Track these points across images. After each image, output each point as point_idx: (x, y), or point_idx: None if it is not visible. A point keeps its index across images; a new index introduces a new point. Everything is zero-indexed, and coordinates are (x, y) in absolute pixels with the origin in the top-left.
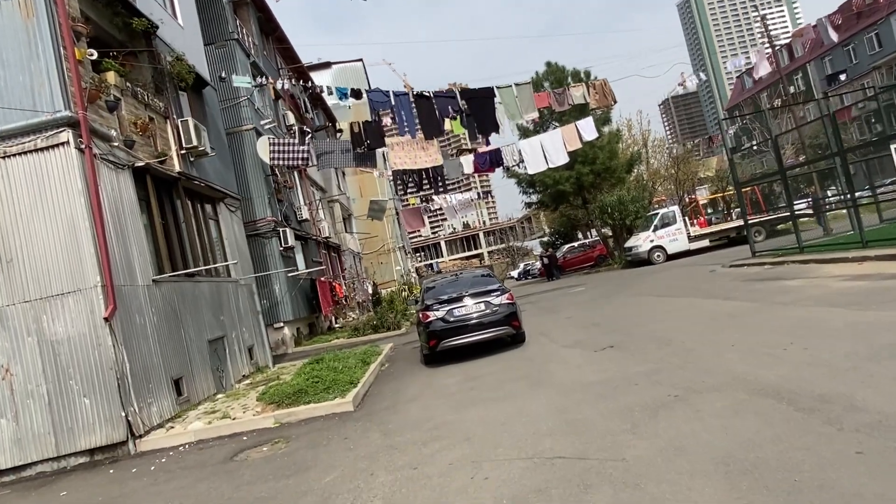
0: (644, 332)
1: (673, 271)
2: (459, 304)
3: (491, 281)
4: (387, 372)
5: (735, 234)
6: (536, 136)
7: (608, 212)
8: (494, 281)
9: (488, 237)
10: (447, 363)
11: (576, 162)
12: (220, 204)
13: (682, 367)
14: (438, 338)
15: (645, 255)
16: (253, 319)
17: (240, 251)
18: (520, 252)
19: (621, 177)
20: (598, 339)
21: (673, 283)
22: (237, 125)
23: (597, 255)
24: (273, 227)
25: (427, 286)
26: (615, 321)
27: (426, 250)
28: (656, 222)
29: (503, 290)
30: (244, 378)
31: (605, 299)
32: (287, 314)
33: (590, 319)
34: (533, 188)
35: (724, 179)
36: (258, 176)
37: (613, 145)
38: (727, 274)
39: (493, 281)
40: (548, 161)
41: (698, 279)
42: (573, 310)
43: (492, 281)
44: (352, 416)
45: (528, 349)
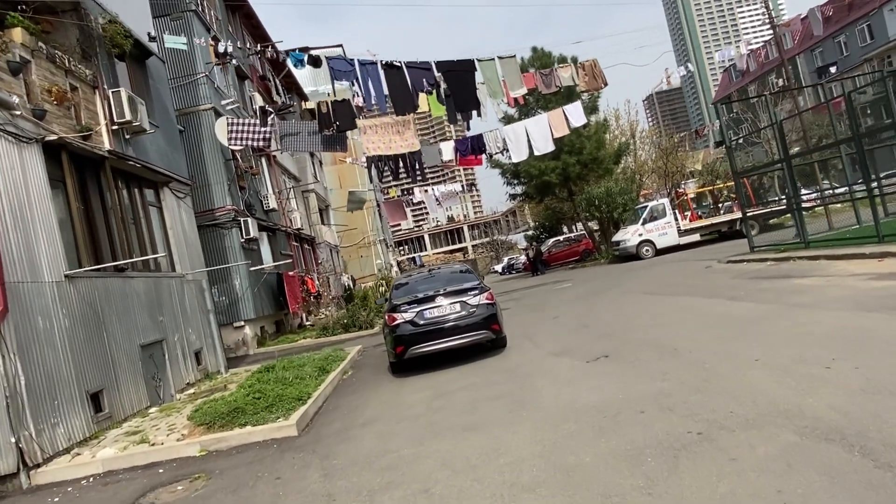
0: (643, 337)
1: (664, 267)
2: (432, 304)
3: (469, 278)
4: (348, 382)
5: (727, 229)
6: (521, 121)
7: (595, 204)
8: (473, 278)
9: (473, 231)
10: (416, 372)
11: (562, 152)
12: (163, 189)
13: (699, 389)
14: (406, 344)
15: (633, 249)
16: (203, 319)
17: (188, 243)
18: (504, 246)
19: (609, 168)
20: (589, 345)
21: (666, 279)
22: (194, 104)
23: (582, 249)
24: (233, 217)
25: (396, 284)
26: (607, 323)
27: (410, 244)
28: (645, 215)
29: (482, 288)
30: (189, 386)
31: (593, 297)
32: (248, 312)
33: (579, 320)
34: (518, 179)
35: (714, 173)
36: (217, 160)
37: (601, 135)
38: (725, 270)
39: (471, 278)
40: (533, 148)
41: (694, 276)
42: (560, 308)
43: (470, 278)
44: (294, 443)
45: (509, 357)
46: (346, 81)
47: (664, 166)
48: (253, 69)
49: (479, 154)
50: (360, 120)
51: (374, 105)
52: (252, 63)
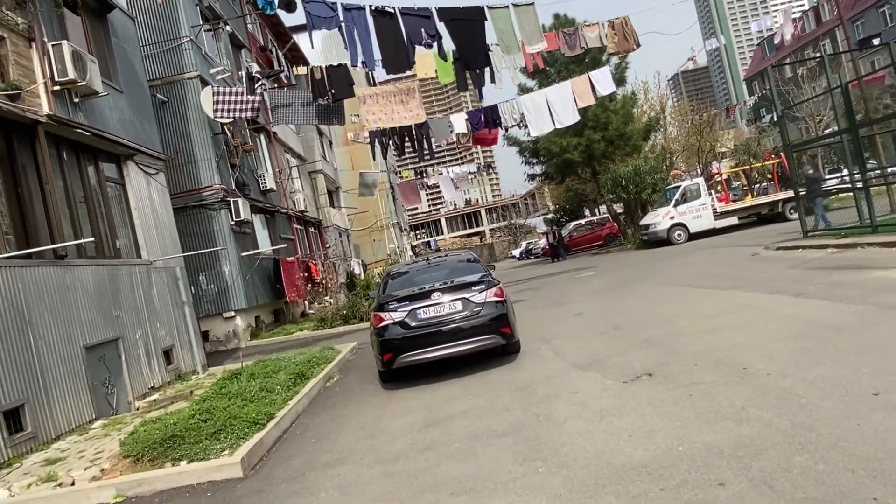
0: (695, 348)
1: (702, 254)
2: (427, 302)
3: (474, 269)
4: (330, 392)
5: (767, 211)
6: (541, 90)
7: (622, 184)
8: (479, 269)
9: (490, 214)
10: (409, 382)
11: (585, 127)
12: (127, 163)
13: (803, 442)
14: (395, 350)
15: (664, 233)
16: (176, 312)
17: (159, 225)
18: (522, 230)
19: (637, 144)
20: (624, 355)
21: (707, 268)
22: (178, 72)
23: (606, 233)
24: (222, 197)
25: (387, 276)
26: (645, 324)
27: (426, 227)
28: (677, 196)
29: (490, 282)
30: (153, 391)
31: (623, 288)
32: (239, 301)
33: (608, 319)
34: (537, 158)
35: (749, 152)
36: (204, 134)
37: (629, 109)
38: (778, 259)
39: (476, 269)
40: (555, 120)
41: (740, 265)
42: (584, 302)
43: (475, 269)
44: (234, 490)
45: (523, 367)
46: (325, 29)
47: (697, 143)
48: (252, 38)
49: (493, 128)
50: (359, 88)
51: (359, 61)
52: (252, 32)
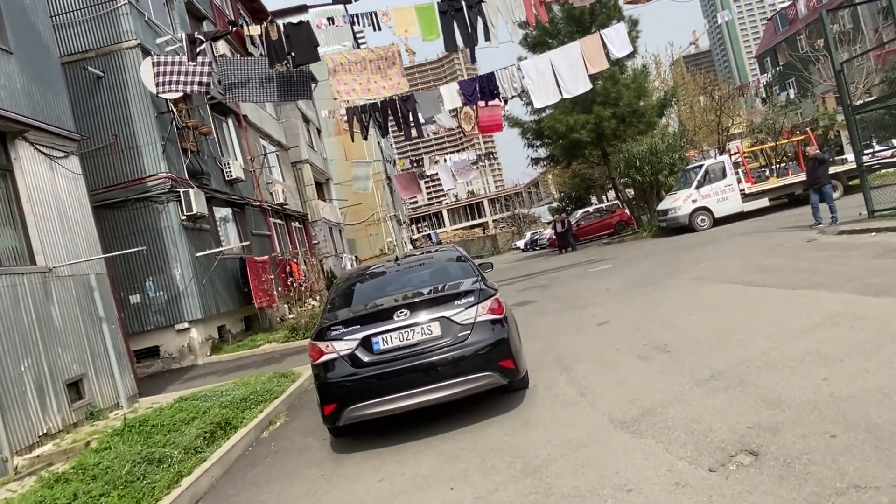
0: (812, 393)
1: (737, 241)
2: (389, 324)
3: (461, 272)
4: (260, 453)
5: (803, 191)
6: (545, 53)
7: (636, 165)
8: (468, 272)
9: (493, 205)
10: (369, 441)
11: (594, 103)
12: (16, 143)
13: None
14: (341, 400)
15: (685, 219)
16: (90, 332)
17: (67, 222)
18: (526, 220)
19: (651, 121)
20: (691, 403)
21: (755, 259)
22: (114, 41)
23: (616, 221)
24: (170, 188)
25: (339, 287)
26: (701, 341)
27: (428, 220)
28: (700, 177)
29: (483, 291)
30: (47, 438)
31: (652, 286)
32: (193, 310)
33: (645, 331)
34: (541, 140)
35: (771, 129)
36: (147, 114)
37: (641, 82)
38: (848, 245)
39: (464, 272)
40: (562, 89)
41: (799, 254)
42: (607, 305)
43: (463, 272)
44: None
45: (532, 421)
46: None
47: (717, 118)
48: (218, 11)
49: (490, 99)
50: (330, 55)
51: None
52: (219, 5)
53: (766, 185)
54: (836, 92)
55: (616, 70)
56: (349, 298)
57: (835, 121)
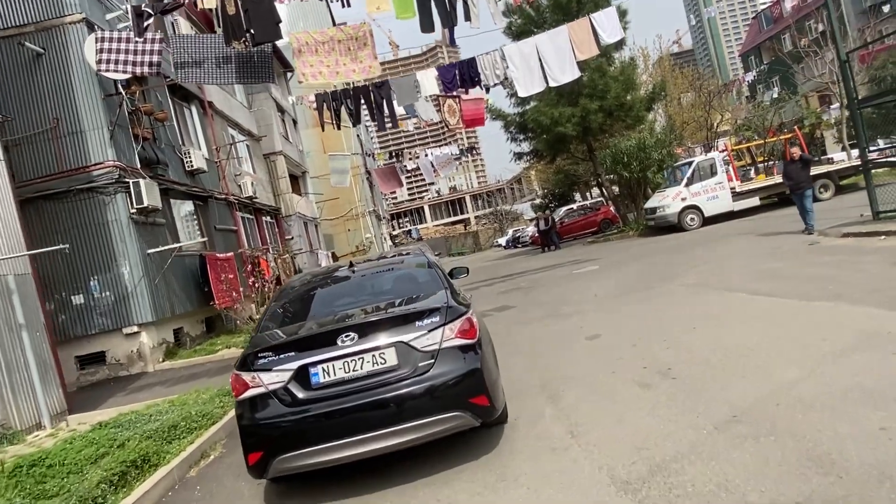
0: (875, 452)
1: (732, 242)
2: (332, 350)
3: (427, 283)
4: (184, 495)
5: None
6: (530, 38)
7: (623, 161)
8: (435, 283)
9: (475, 201)
10: (310, 494)
11: (581, 95)
12: None
13: None
14: (270, 447)
15: (674, 218)
16: (4, 341)
17: None
18: (508, 217)
19: (640, 115)
20: (712, 457)
21: (756, 263)
22: (56, 14)
23: (601, 219)
24: (118, 178)
25: (276, 300)
26: (713, 365)
27: (409, 215)
28: (689, 174)
29: (451, 310)
30: None
31: (646, 292)
32: (144, 313)
33: (644, 350)
34: (525, 133)
35: (757, 127)
36: (93, 96)
37: (629, 74)
38: (856, 250)
39: (430, 283)
40: (548, 77)
41: (804, 259)
42: (597, 314)
43: (429, 283)
44: None
45: (511, 475)
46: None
47: (705, 114)
48: None
49: (471, 86)
50: (294, 34)
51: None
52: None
53: (757, 183)
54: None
55: (604, 62)
56: (287, 316)
57: (821, 120)
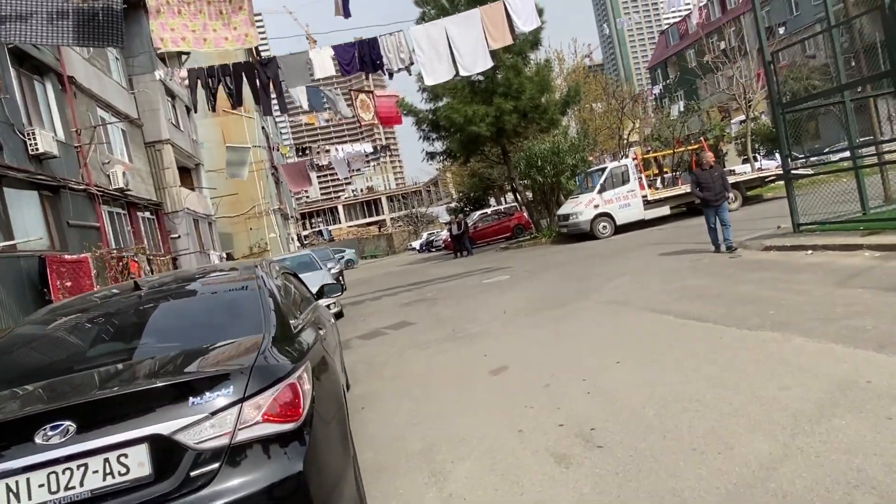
0: None
1: (647, 253)
2: (26, 454)
3: (235, 317)
4: None
5: None
6: (439, 20)
7: (537, 165)
8: (249, 319)
9: (392, 202)
10: None
11: (495, 94)
12: None
13: None
14: None
15: (587, 225)
16: None
17: None
18: (424, 220)
19: (554, 118)
20: None
21: (677, 279)
22: None
23: (514, 224)
24: None
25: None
26: (655, 423)
27: (322, 215)
28: (603, 181)
29: (258, 374)
30: None
31: (559, 309)
32: None
33: (561, 394)
34: (437, 132)
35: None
36: None
37: (545, 75)
38: (786, 266)
39: (241, 319)
40: (458, 65)
41: (730, 275)
42: (504, 337)
43: (239, 317)
44: None
45: None
46: None
47: (619, 122)
48: None
49: (372, 71)
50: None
51: None
52: None
53: (668, 192)
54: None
55: (519, 61)
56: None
57: (725, 133)
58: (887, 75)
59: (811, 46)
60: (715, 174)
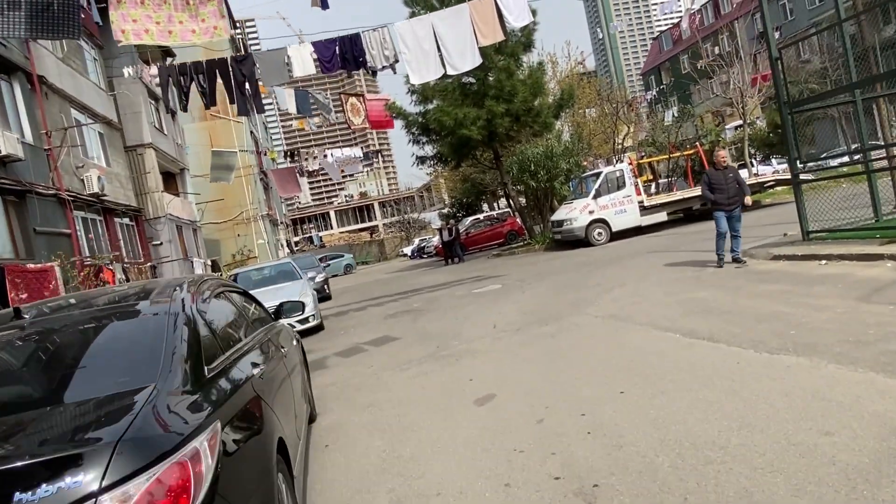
0: None
1: (644, 261)
2: None
3: (127, 359)
4: None
5: (700, 205)
6: (425, 15)
7: (530, 169)
8: (144, 364)
9: (384, 208)
10: None
11: (486, 97)
12: None
13: None
14: None
15: (581, 232)
16: None
17: None
18: (416, 226)
19: (548, 122)
20: None
21: (681, 290)
22: None
23: (507, 230)
24: None
25: None
26: (670, 475)
27: (314, 221)
28: (598, 185)
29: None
30: None
31: (553, 324)
32: None
33: (557, 431)
34: (427, 136)
35: (655, 143)
36: None
37: (538, 78)
38: (799, 277)
39: (133, 361)
40: (446, 63)
41: (739, 286)
42: (494, 356)
43: (132, 360)
44: None
45: None
46: None
47: (613, 127)
48: None
49: (354, 68)
50: None
51: None
52: None
53: (665, 198)
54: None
55: (511, 62)
56: None
57: (720, 138)
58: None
59: (805, 50)
60: (729, 175)
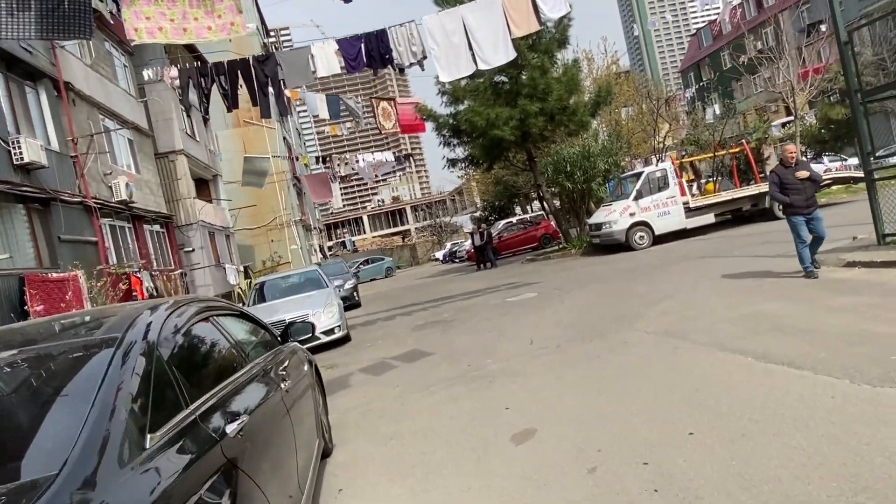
0: None
1: (693, 267)
2: None
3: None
4: None
5: (750, 206)
6: (454, 8)
7: (566, 170)
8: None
9: (416, 212)
10: None
11: (519, 95)
12: None
13: None
14: None
15: (622, 235)
16: None
17: None
18: (448, 229)
19: (584, 121)
20: None
21: (741, 300)
22: None
23: (541, 234)
24: None
25: None
26: None
27: (348, 226)
28: (639, 186)
29: None
30: None
31: (598, 341)
32: None
33: (611, 484)
34: (458, 137)
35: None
36: None
37: (573, 75)
38: (884, 288)
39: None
40: (477, 58)
41: (806, 296)
42: (533, 380)
43: (66, 419)
44: None
45: None
46: None
47: (653, 125)
48: None
49: (380, 66)
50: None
51: None
52: None
53: (712, 198)
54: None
55: (545, 60)
56: None
57: (768, 135)
58: None
59: (856, 42)
60: (802, 171)
